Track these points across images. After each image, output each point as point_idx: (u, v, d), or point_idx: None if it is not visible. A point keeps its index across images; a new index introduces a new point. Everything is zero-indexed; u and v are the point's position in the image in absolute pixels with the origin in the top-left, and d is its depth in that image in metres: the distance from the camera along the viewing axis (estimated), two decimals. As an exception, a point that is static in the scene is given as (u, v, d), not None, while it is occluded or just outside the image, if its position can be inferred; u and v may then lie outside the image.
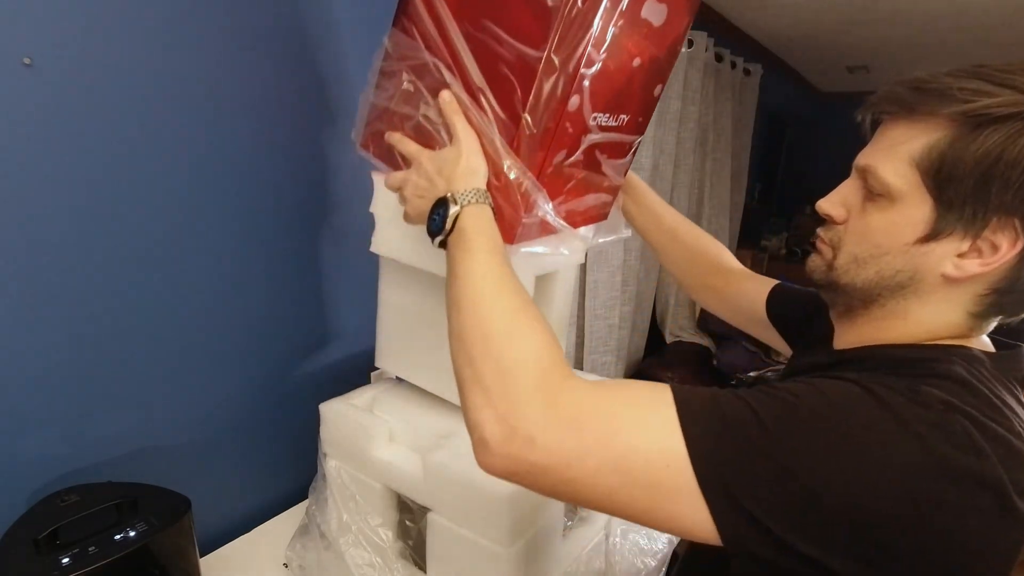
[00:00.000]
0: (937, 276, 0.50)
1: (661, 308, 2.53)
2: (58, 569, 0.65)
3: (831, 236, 0.58)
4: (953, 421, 0.43)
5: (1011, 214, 0.46)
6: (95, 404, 0.82)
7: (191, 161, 0.87)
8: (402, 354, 0.91)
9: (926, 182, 0.49)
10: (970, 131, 0.47)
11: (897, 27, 2.34)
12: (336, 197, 1.09)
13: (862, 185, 0.55)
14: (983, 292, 0.50)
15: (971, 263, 0.49)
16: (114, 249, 0.81)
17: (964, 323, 0.52)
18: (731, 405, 0.45)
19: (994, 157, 0.46)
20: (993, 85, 0.47)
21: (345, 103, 1.06)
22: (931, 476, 0.41)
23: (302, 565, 0.91)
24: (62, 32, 0.71)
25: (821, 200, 0.58)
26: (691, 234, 0.92)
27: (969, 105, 0.46)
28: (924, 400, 0.44)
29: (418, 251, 0.78)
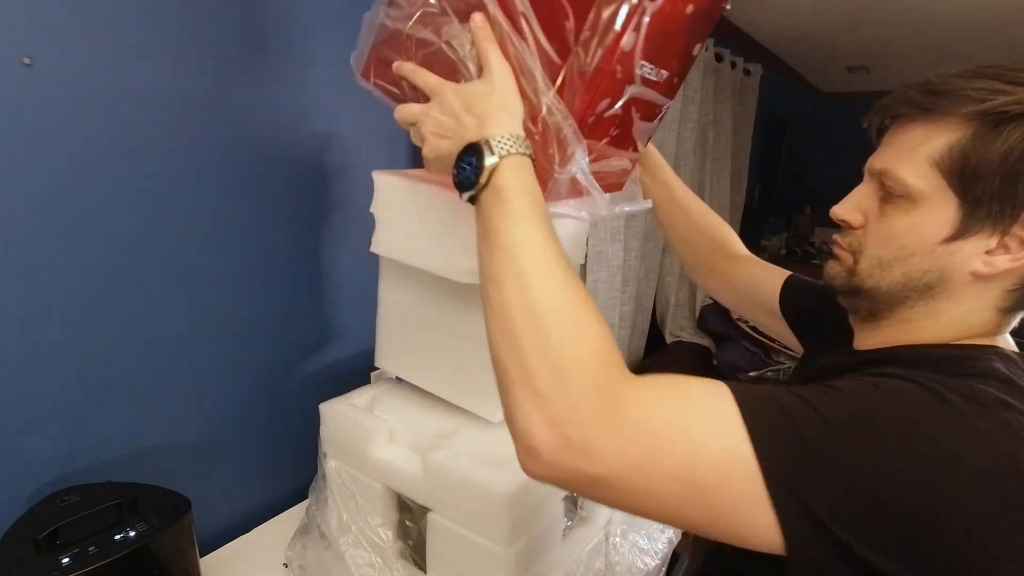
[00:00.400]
0: (966, 274, 0.51)
1: (661, 308, 2.53)
2: (58, 569, 0.65)
3: (850, 241, 0.57)
4: (1011, 419, 0.42)
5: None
6: (95, 404, 0.82)
7: (191, 161, 0.87)
8: (402, 354, 0.91)
9: (950, 182, 0.49)
10: (991, 129, 0.47)
11: (897, 27, 2.34)
12: (336, 197, 1.09)
13: (878, 188, 0.55)
14: (1012, 287, 0.51)
15: (1001, 259, 0.49)
16: (114, 249, 0.81)
17: (993, 320, 0.52)
18: (792, 404, 0.43)
19: (1019, 153, 0.46)
20: (1006, 84, 0.47)
21: (345, 102, 1.06)
22: (1002, 475, 0.40)
23: (302, 565, 0.91)
24: (62, 32, 0.71)
25: (835, 207, 0.58)
26: (702, 212, 0.89)
27: (987, 104, 0.47)
28: (980, 398, 0.43)
29: (418, 251, 0.78)
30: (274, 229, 1.00)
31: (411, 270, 0.81)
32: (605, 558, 0.92)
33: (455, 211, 0.73)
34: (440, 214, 0.75)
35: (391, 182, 0.82)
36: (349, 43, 0.81)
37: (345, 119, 1.07)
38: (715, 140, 2.50)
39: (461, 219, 0.72)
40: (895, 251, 0.53)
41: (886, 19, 2.22)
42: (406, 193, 0.80)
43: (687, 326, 2.64)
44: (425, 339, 0.86)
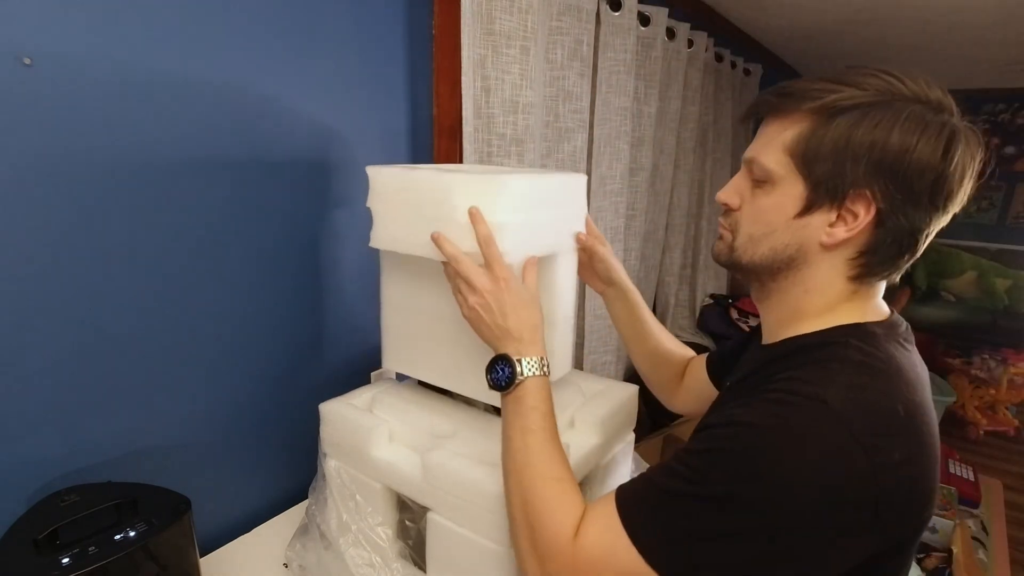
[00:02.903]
0: (816, 245, 0.61)
1: (661, 308, 2.53)
2: (58, 569, 0.65)
3: (730, 222, 0.67)
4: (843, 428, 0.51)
5: (863, 186, 0.57)
6: (95, 404, 0.83)
7: (191, 162, 0.87)
8: (409, 351, 0.91)
9: (797, 166, 0.60)
10: (826, 121, 0.58)
11: (896, 27, 2.34)
12: (336, 197, 1.09)
13: (749, 175, 0.65)
14: (852, 256, 0.60)
15: (839, 230, 0.59)
16: (114, 249, 0.81)
17: (846, 288, 0.62)
18: (662, 503, 0.55)
19: (845, 140, 0.56)
20: (839, 84, 0.58)
21: (346, 101, 1.06)
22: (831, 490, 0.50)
23: (302, 565, 0.91)
24: (62, 32, 0.71)
25: (719, 192, 0.68)
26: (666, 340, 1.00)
27: (822, 100, 0.57)
28: (822, 404, 0.52)
29: (417, 240, 0.77)
30: (273, 229, 1.00)
31: (411, 262, 0.81)
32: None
33: (450, 195, 0.73)
34: (435, 199, 0.75)
35: (385, 174, 0.82)
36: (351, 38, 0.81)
37: (345, 119, 1.07)
38: (715, 140, 2.50)
39: (458, 203, 0.72)
40: (762, 227, 0.63)
41: (886, 19, 2.22)
42: (400, 183, 0.80)
43: (687, 326, 2.63)
44: (430, 332, 0.86)
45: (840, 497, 0.50)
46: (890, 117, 0.55)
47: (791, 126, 0.60)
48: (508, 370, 0.68)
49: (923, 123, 0.55)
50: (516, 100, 1.32)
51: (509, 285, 0.69)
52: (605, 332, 1.92)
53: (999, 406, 3.27)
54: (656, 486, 0.57)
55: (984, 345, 3.53)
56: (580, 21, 1.48)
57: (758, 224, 0.64)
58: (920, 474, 0.54)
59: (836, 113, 0.57)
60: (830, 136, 0.57)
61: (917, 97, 0.56)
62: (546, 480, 0.62)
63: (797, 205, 0.60)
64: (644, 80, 1.83)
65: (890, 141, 0.55)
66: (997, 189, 4.35)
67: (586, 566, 0.57)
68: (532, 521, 0.61)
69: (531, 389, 0.67)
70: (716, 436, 0.56)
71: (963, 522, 2.09)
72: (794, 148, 0.59)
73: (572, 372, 1.08)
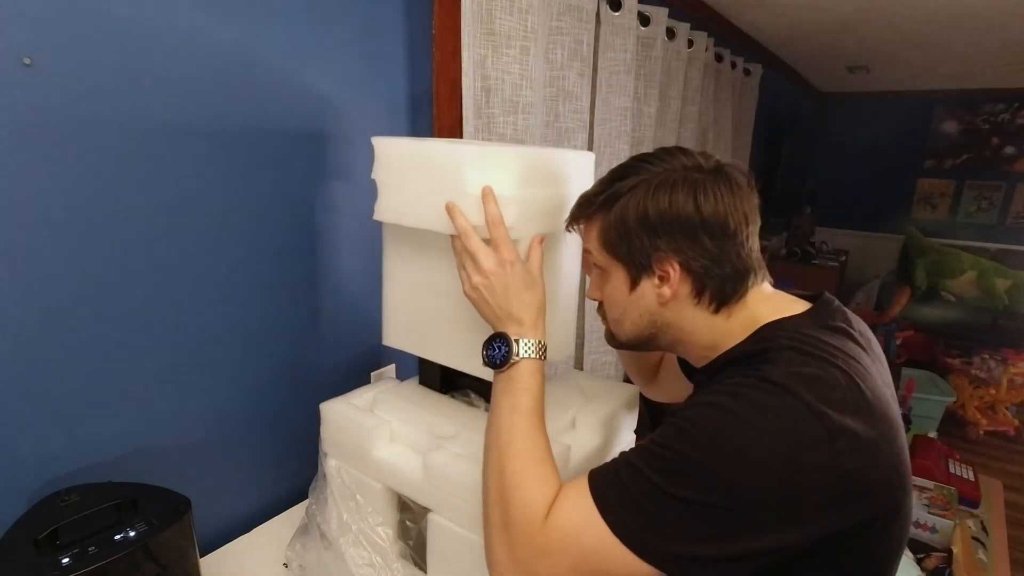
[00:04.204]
0: (658, 307, 0.69)
1: (661, 308, 2.53)
2: (58, 569, 0.65)
3: (601, 313, 0.76)
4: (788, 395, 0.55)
5: (655, 249, 0.65)
6: (95, 404, 0.82)
7: (192, 161, 0.87)
8: (410, 328, 0.89)
9: (608, 253, 0.69)
10: (607, 212, 0.68)
11: (897, 27, 2.34)
12: (337, 196, 1.09)
13: (594, 268, 0.73)
14: (694, 301, 0.67)
15: (665, 290, 0.67)
16: (114, 249, 0.81)
17: (719, 318, 0.68)
18: (631, 478, 0.57)
19: (622, 221, 0.66)
20: (611, 182, 0.68)
21: (346, 100, 1.06)
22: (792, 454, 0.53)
23: (302, 565, 0.91)
24: (62, 32, 0.71)
25: (587, 291, 0.77)
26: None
27: (600, 199, 0.69)
28: (765, 385, 0.56)
29: (422, 212, 0.76)
30: (274, 229, 1.00)
31: (415, 237, 0.80)
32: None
33: (462, 167, 0.72)
34: (445, 171, 0.74)
35: (392, 144, 0.80)
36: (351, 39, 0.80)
37: (345, 119, 1.07)
38: (715, 140, 2.50)
39: (469, 175, 0.71)
40: (616, 310, 0.72)
41: (886, 19, 2.22)
42: (406, 154, 0.78)
43: (687, 326, 2.63)
44: (431, 308, 0.84)
45: (798, 463, 0.53)
46: (646, 192, 0.65)
47: (594, 224, 0.70)
48: (504, 349, 0.69)
49: (670, 185, 0.64)
50: (516, 100, 1.32)
51: (514, 268, 0.70)
52: (605, 332, 1.92)
53: (999, 406, 3.27)
54: (627, 463, 0.59)
55: (984, 345, 3.53)
56: (580, 21, 1.48)
57: (614, 308, 0.73)
58: (877, 447, 0.56)
59: (611, 203, 0.67)
60: (613, 223, 0.67)
61: (665, 168, 0.66)
62: (526, 459, 0.64)
63: (627, 284, 0.69)
64: (644, 80, 1.83)
65: (650, 211, 0.65)
66: (997, 189, 4.35)
67: (556, 545, 0.58)
68: (506, 498, 0.62)
69: (525, 371, 0.68)
70: (680, 418, 0.59)
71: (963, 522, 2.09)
72: (601, 240, 0.69)
73: (572, 372, 1.08)
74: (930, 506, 2.09)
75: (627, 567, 0.55)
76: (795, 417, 0.54)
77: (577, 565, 0.57)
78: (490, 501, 0.64)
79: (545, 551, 0.58)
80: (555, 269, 0.84)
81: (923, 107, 4.46)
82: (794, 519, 0.53)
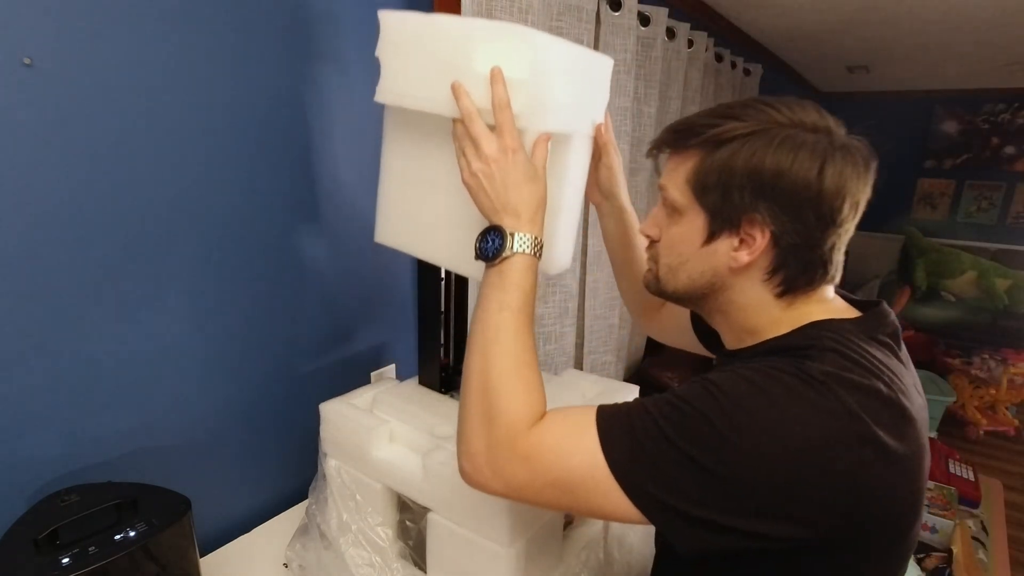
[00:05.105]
0: (727, 270, 0.63)
1: (661, 308, 2.53)
2: (58, 569, 0.65)
3: (652, 253, 0.70)
4: (829, 392, 0.52)
5: (752, 210, 0.59)
6: (95, 404, 0.82)
7: (192, 158, 0.87)
8: (404, 224, 0.84)
9: (695, 196, 0.63)
10: (711, 152, 0.61)
11: (897, 27, 2.34)
12: (337, 196, 1.09)
13: (664, 203, 0.67)
14: (764, 277, 0.62)
15: (741, 254, 0.61)
16: (113, 248, 0.81)
17: (779, 303, 0.63)
18: (641, 422, 0.56)
19: (727, 168, 0.59)
20: (720, 118, 0.61)
21: (346, 100, 1.06)
22: (817, 448, 0.51)
23: (302, 565, 0.91)
24: (62, 32, 0.71)
25: (641, 224, 0.71)
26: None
27: (707, 134, 0.61)
28: (805, 376, 0.53)
29: (427, 93, 0.71)
30: (274, 229, 1.00)
31: (417, 122, 0.76)
32: (604, 558, 0.92)
33: (473, 45, 0.67)
34: (455, 48, 0.69)
35: (399, 19, 0.74)
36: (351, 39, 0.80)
37: (348, 116, 1.07)
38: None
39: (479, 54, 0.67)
40: (677, 257, 0.66)
41: (886, 19, 2.22)
42: (416, 29, 0.72)
43: (687, 326, 2.63)
44: (428, 203, 0.80)
45: (818, 460, 0.51)
46: (765, 143, 0.58)
47: (686, 160, 0.63)
48: (498, 241, 0.65)
49: (797, 145, 0.57)
50: (516, 100, 1.32)
51: (516, 157, 0.65)
52: (605, 332, 1.92)
53: (999, 406, 3.27)
54: (642, 408, 0.57)
55: (984, 345, 3.52)
56: (580, 21, 1.48)
57: (673, 254, 0.67)
58: (903, 466, 0.54)
59: (719, 145, 0.60)
60: (715, 167, 0.60)
61: (792, 122, 0.59)
62: (516, 362, 0.62)
63: (701, 234, 0.63)
64: (644, 80, 1.83)
65: (766, 165, 0.58)
66: (997, 189, 4.35)
67: (541, 456, 0.57)
68: (492, 398, 0.60)
69: (518, 266, 0.64)
70: (708, 380, 0.56)
71: (963, 522, 2.10)
72: (690, 179, 0.63)
73: (572, 372, 1.08)
74: (930, 506, 2.09)
75: (608, 499, 0.55)
76: (828, 414, 0.52)
77: (555, 482, 0.57)
78: (472, 394, 0.62)
79: (526, 457, 0.58)
80: (560, 175, 0.76)
81: (923, 107, 4.46)
82: (793, 514, 0.52)
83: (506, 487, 0.59)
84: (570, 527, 0.92)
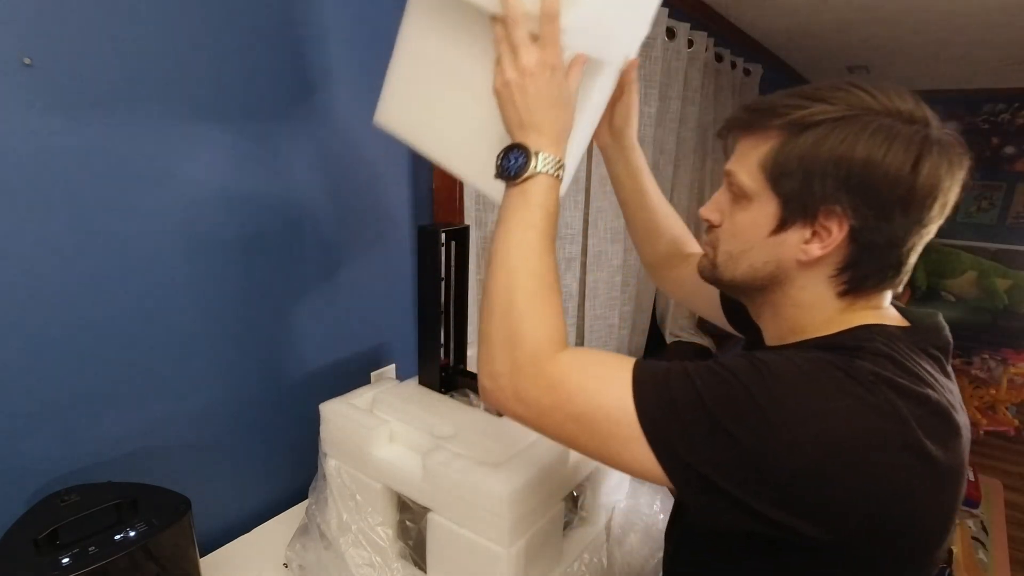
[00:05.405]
0: (794, 262, 0.59)
1: (661, 308, 2.53)
2: (58, 569, 0.65)
3: (711, 238, 0.66)
4: (879, 392, 0.50)
5: (833, 202, 0.55)
6: (95, 404, 0.82)
7: (192, 161, 0.87)
8: (412, 111, 0.79)
9: (768, 182, 0.58)
10: (794, 136, 0.56)
11: (897, 27, 2.34)
12: (337, 196, 1.09)
13: (729, 189, 0.63)
14: (833, 273, 0.58)
15: (813, 247, 0.57)
16: (113, 249, 0.81)
17: (839, 302, 0.59)
18: (679, 381, 0.53)
19: (811, 155, 0.55)
20: (807, 100, 0.56)
21: (347, 99, 1.06)
22: (858, 446, 0.48)
23: (302, 565, 0.91)
24: (62, 32, 0.71)
25: (702, 208, 0.67)
26: (666, 214, 0.93)
27: (790, 116, 0.56)
28: (855, 372, 0.51)
29: None
30: (274, 230, 1.00)
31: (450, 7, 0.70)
32: (605, 558, 0.92)
33: None
34: None
35: None
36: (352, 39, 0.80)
37: (348, 117, 1.07)
38: (715, 140, 2.49)
39: None
40: (739, 244, 0.62)
41: (886, 19, 2.22)
42: None
43: (687, 326, 2.64)
44: (445, 97, 0.75)
45: (857, 458, 0.48)
46: (856, 131, 0.53)
47: (763, 142, 0.59)
48: (522, 159, 0.62)
49: (891, 135, 0.53)
50: (516, 100, 1.31)
51: (554, 75, 0.62)
52: (605, 332, 1.92)
53: (999, 406, 3.27)
54: (683, 371, 0.55)
55: (984, 345, 3.53)
56: (580, 21, 1.48)
57: (736, 241, 0.63)
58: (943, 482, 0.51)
59: (803, 129, 0.56)
60: (797, 152, 0.56)
61: (887, 110, 0.54)
62: (541, 284, 0.60)
63: (771, 222, 0.59)
64: (644, 80, 1.83)
65: (855, 155, 0.53)
66: (997, 189, 4.35)
67: (567, 387, 0.56)
68: (517, 321, 0.59)
69: (541, 185, 0.62)
70: (756, 357, 0.54)
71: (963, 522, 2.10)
72: (765, 164, 0.58)
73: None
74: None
75: (627, 447, 0.53)
76: (876, 412, 0.49)
77: (578, 416, 0.55)
78: (495, 313, 0.60)
79: (552, 385, 0.56)
80: (584, 100, 0.72)
81: (923, 107, 4.46)
82: (815, 511, 0.49)
83: (527, 411, 0.58)
84: (570, 528, 0.92)
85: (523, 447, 0.80)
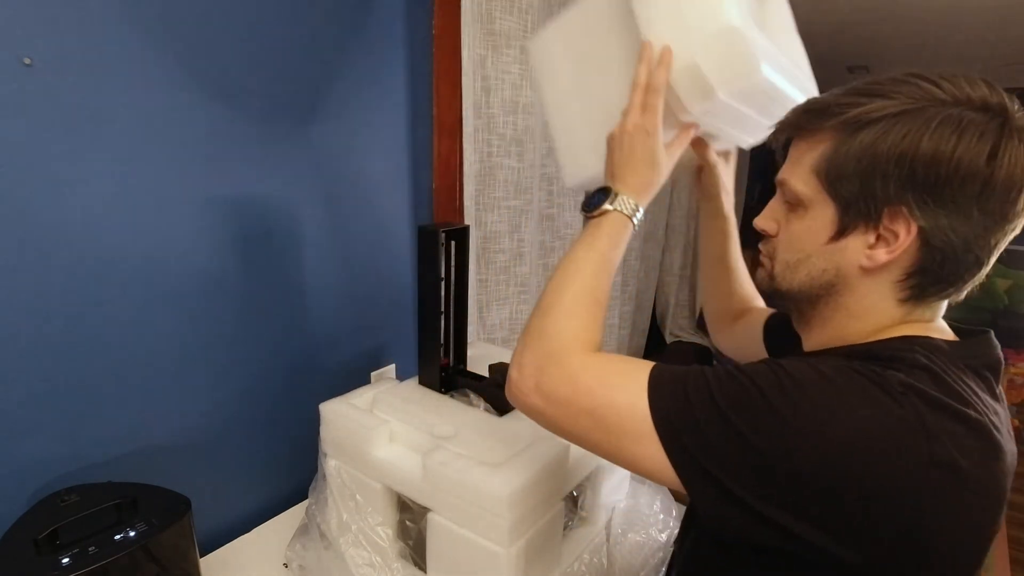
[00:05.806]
0: (856, 269, 0.55)
1: (661, 308, 2.54)
2: (58, 569, 0.65)
3: (768, 249, 0.64)
4: (907, 403, 0.46)
5: (898, 203, 0.51)
6: (95, 404, 0.82)
7: (192, 162, 0.87)
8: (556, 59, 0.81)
9: (824, 187, 0.55)
10: (849, 136, 0.53)
11: (897, 27, 2.34)
12: (337, 197, 1.09)
13: (783, 197, 0.61)
14: (900, 278, 0.54)
15: (879, 252, 0.53)
16: (113, 248, 0.81)
17: (898, 311, 0.56)
18: (695, 382, 0.53)
19: (870, 154, 0.51)
20: (864, 96, 0.53)
21: (347, 98, 1.06)
22: (875, 457, 0.45)
23: (302, 565, 0.91)
24: (62, 32, 0.71)
25: (757, 218, 0.65)
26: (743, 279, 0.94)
27: (845, 115, 0.53)
28: (883, 381, 0.48)
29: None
30: (274, 230, 1.00)
31: (612, 16, 0.73)
32: (605, 558, 0.92)
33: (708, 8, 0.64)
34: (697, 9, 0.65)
35: None
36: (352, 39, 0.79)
37: (345, 117, 1.07)
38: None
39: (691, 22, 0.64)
40: (797, 253, 0.59)
41: (886, 19, 2.22)
42: None
43: (687, 326, 2.64)
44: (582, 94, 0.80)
45: (877, 472, 0.45)
46: (920, 124, 0.49)
47: (816, 145, 0.56)
48: (602, 197, 0.68)
49: (961, 126, 0.48)
50: (516, 100, 1.32)
51: (647, 141, 0.67)
52: (605, 332, 1.92)
53: (999, 406, 3.27)
54: (700, 373, 0.54)
55: (984, 345, 3.52)
56: (580, 21, 1.48)
57: (793, 250, 0.60)
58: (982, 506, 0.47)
59: (861, 127, 0.52)
60: (854, 152, 0.52)
61: (956, 99, 0.50)
62: (589, 295, 0.63)
63: (830, 229, 0.56)
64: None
65: (920, 150, 0.49)
66: (997, 189, 4.34)
67: (585, 380, 0.57)
68: (554, 317, 0.62)
69: (613, 221, 0.67)
70: (776, 363, 0.52)
71: (963, 522, 2.09)
72: (820, 168, 0.55)
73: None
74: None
75: (639, 445, 0.53)
76: (902, 426, 0.45)
77: (592, 411, 0.56)
78: (538, 311, 0.64)
79: (571, 377, 0.57)
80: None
81: (923, 107, 4.45)
82: (828, 524, 0.46)
83: (544, 401, 0.59)
84: (570, 528, 0.92)
85: (523, 447, 0.80)
